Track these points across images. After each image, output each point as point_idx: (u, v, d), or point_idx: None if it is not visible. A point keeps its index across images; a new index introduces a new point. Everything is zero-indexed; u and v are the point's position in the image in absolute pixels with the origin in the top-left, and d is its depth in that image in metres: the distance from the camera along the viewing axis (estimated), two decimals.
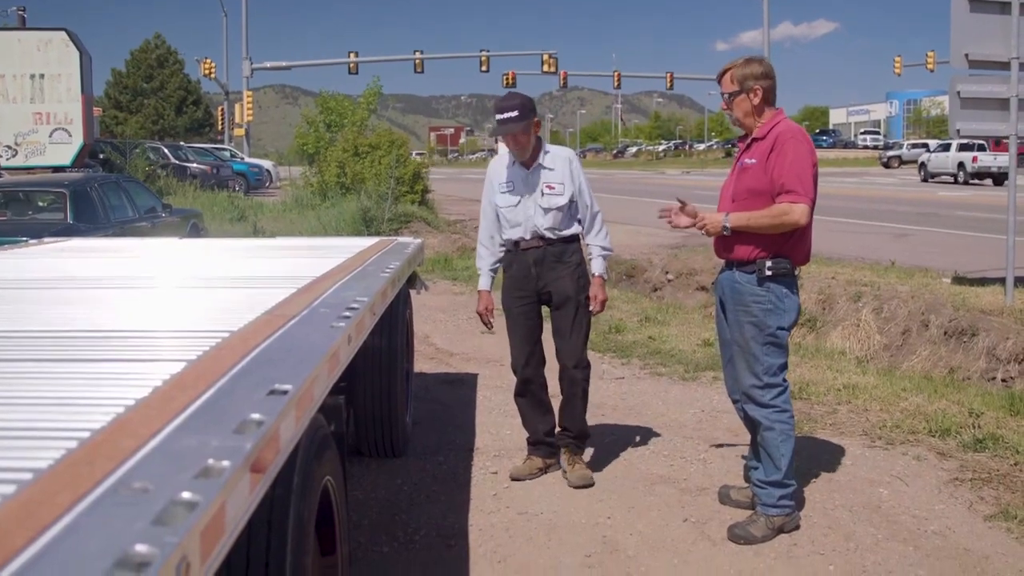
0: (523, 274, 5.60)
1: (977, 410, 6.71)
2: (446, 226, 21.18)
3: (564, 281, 5.56)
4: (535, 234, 5.53)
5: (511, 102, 5.42)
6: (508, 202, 5.57)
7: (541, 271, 5.56)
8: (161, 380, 2.47)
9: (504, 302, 5.75)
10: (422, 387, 7.70)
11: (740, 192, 4.80)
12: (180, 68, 71.48)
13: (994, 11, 10.18)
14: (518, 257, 5.62)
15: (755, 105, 4.78)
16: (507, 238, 5.65)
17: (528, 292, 5.62)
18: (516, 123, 5.36)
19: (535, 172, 5.53)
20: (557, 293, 5.57)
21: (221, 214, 21.74)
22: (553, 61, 56.45)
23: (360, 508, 5.17)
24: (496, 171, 5.70)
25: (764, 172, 4.68)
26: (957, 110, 10.59)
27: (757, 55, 5.00)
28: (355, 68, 54.53)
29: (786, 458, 4.81)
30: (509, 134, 5.41)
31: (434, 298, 11.82)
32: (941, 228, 21.34)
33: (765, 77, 4.78)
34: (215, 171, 34.29)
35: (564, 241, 5.56)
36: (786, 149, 4.66)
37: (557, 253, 5.55)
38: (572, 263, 5.59)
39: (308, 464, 2.75)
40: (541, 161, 5.54)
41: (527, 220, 5.52)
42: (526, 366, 5.67)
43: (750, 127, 4.82)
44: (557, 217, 5.51)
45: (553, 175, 5.52)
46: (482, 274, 5.84)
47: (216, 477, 1.78)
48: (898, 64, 60.21)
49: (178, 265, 6.06)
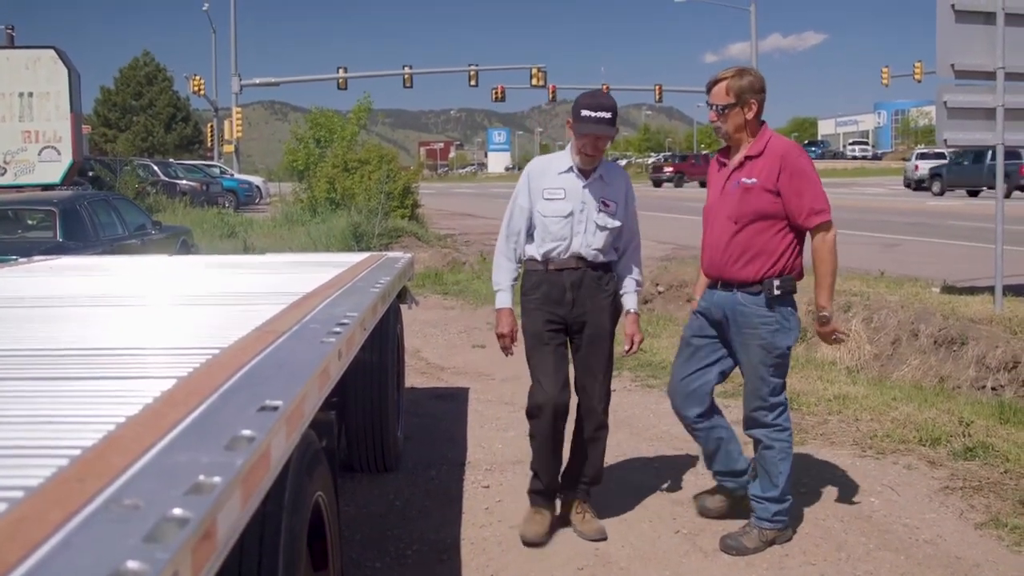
0: (557, 297, 4.87)
1: (967, 419, 6.73)
2: (436, 241, 21.18)
3: (603, 314, 4.93)
4: (575, 254, 4.84)
5: (606, 101, 4.74)
6: (557, 211, 4.83)
7: (579, 297, 4.87)
8: (152, 397, 2.47)
9: (528, 326, 4.96)
10: (413, 402, 7.70)
11: (745, 215, 4.60)
12: (169, 85, 71.44)
13: (979, 22, 10.23)
14: (549, 277, 4.88)
15: (748, 120, 4.65)
16: (537, 252, 4.91)
17: (558, 318, 4.89)
18: (607, 126, 4.70)
19: (594, 184, 4.85)
20: (593, 325, 4.92)
21: (211, 231, 21.72)
22: (542, 75, 56.60)
23: (352, 523, 5.17)
24: (543, 174, 4.94)
25: (773, 193, 4.55)
26: (944, 120, 10.63)
27: (749, 67, 4.85)
28: (344, 84, 54.60)
29: (784, 475, 4.82)
30: (592, 135, 4.71)
31: (425, 313, 11.82)
32: (930, 238, 21.40)
33: (761, 91, 4.66)
34: (205, 188, 34.32)
35: (603, 267, 4.93)
36: (803, 168, 4.61)
37: (596, 278, 4.90)
38: (610, 292, 4.96)
39: (299, 480, 2.75)
40: (600, 173, 4.89)
41: (573, 236, 4.82)
42: (559, 396, 4.85)
43: (739, 142, 4.70)
44: (608, 239, 4.87)
45: (609, 190, 4.89)
46: (503, 289, 5.04)
47: (207, 493, 1.78)
48: (886, 75, 60.49)
49: (168, 282, 6.05)
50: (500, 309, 5.06)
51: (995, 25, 10.12)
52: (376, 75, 66.01)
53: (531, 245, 4.95)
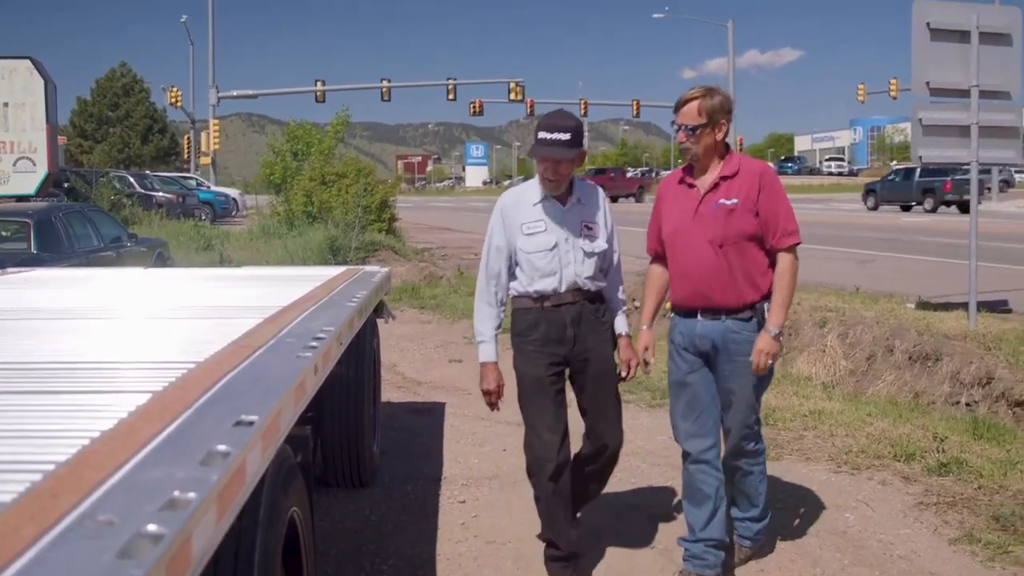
0: (557, 335, 4.51)
1: (941, 434, 6.77)
2: (414, 255, 21.16)
3: (606, 348, 4.63)
4: (572, 286, 4.50)
5: (564, 122, 4.40)
6: (541, 245, 4.47)
7: (580, 332, 4.53)
8: (126, 412, 2.46)
9: (526, 370, 4.57)
10: (389, 416, 7.68)
11: (730, 237, 4.40)
12: (146, 97, 71.22)
13: (954, 40, 10.32)
14: (546, 315, 4.51)
15: (718, 140, 4.47)
16: (531, 290, 4.53)
17: (558, 359, 4.54)
18: (565, 148, 4.36)
19: (573, 209, 4.53)
20: (598, 362, 4.59)
21: (187, 243, 21.65)
22: (520, 89, 56.66)
23: (327, 538, 5.15)
24: (516, 208, 4.58)
25: (754, 213, 4.41)
26: (919, 137, 10.70)
27: (717, 86, 4.60)
28: (322, 96, 54.50)
29: (763, 495, 4.81)
30: (551, 159, 4.38)
31: (401, 327, 11.80)
32: (905, 254, 21.52)
33: (730, 111, 4.52)
34: (181, 200, 34.20)
35: (598, 297, 4.62)
36: (779, 187, 4.52)
37: (594, 311, 4.58)
38: (608, 324, 4.67)
39: (274, 495, 2.74)
40: (577, 195, 4.56)
41: (564, 268, 4.48)
42: (563, 449, 4.53)
43: (707, 164, 4.50)
44: (596, 266, 4.55)
45: (589, 212, 4.59)
46: (486, 341, 4.62)
47: (182, 509, 1.78)
48: (862, 91, 60.84)
49: (144, 295, 6.02)
50: (485, 363, 4.61)
51: (970, 44, 10.21)
52: (354, 88, 65.85)
53: (518, 283, 4.58)
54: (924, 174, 42.66)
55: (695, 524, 4.66)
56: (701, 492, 4.63)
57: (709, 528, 4.62)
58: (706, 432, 4.63)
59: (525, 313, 4.57)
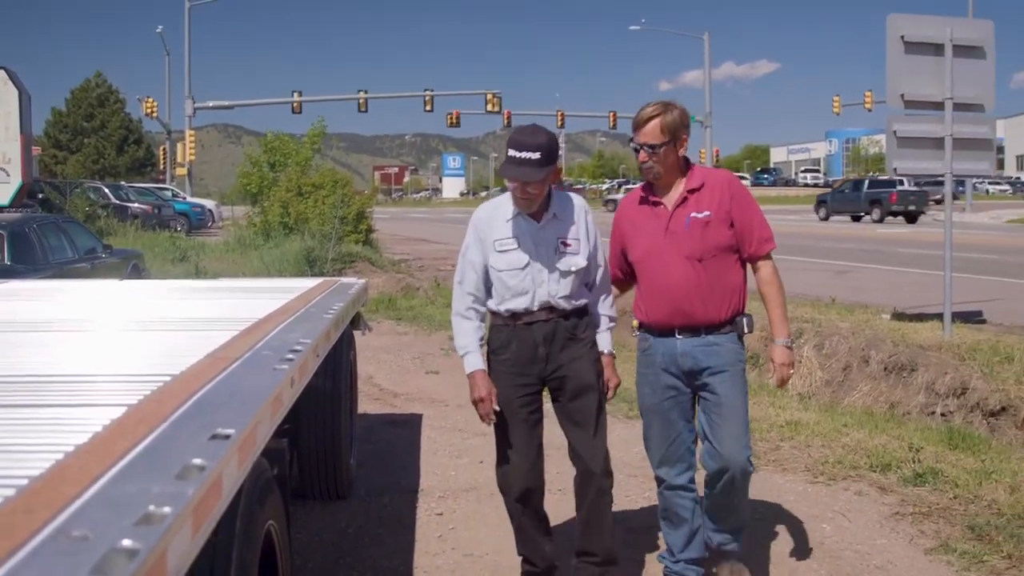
0: (528, 355, 4.36)
1: (917, 445, 6.80)
2: (390, 266, 21.14)
3: (582, 363, 4.41)
4: (544, 304, 4.33)
5: (534, 139, 4.15)
6: (512, 263, 4.32)
7: (552, 351, 4.36)
8: (101, 425, 2.45)
9: (500, 392, 4.38)
10: (366, 428, 7.66)
11: (709, 250, 4.29)
12: (121, 107, 70.98)
13: (928, 53, 10.41)
14: (518, 334, 4.36)
15: (680, 156, 4.36)
16: (502, 308, 4.39)
17: (532, 379, 4.39)
18: (534, 169, 4.13)
19: (548, 226, 4.33)
20: (574, 379, 4.40)
21: (163, 255, 21.56)
22: (497, 100, 56.73)
23: (304, 551, 5.13)
24: (489, 224, 4.40)
25: (728, 224, 4.33)
26: (894, 149, 10.79)
27: (672, 100, 4.39)
28: (299, 107, 54.39)
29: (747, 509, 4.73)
30: (518, 180, 4.18)
31: (378, 338, 11.78)
32: (881, 265, 21.64)
33: (689, 124, 4.39)
34: (156, 211, 34.10)
35: (577, 313, 4.42)
36: (747, 195, 4.45)
37: (571, 328, 4.39)
38: (587, 340, 4.45)
39: (251, 509, 2.73)
40: (554, 211, 4.35)
41: (537, 287, 4.31)
42: (531, 472, 4.42)
43: (670, 181, 4.37)
44: (575, 283, 4.35)
45: (566, 227, 4.37)
46: (471, 351, 4.39)
47: (157, 524, 1.77)
48: (837, 103, 61.14)
49: (119, 307, 5.99)
50: (472, 373, 4.36)
51: (944, 56, 10.30)
52: (331, 99, 65.76)
53: (492, 300, 4.43)
54: (872, 186, 46.72)
55: (674, 545, 4.62)
56: (679, 516, 4.57)
57: (688, 549, 4.59)
58: (680, 457, 4.52)
59: (499, 331, 4.44)
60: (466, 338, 4.41)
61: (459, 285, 4.48)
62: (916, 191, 44.67)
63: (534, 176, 4.14)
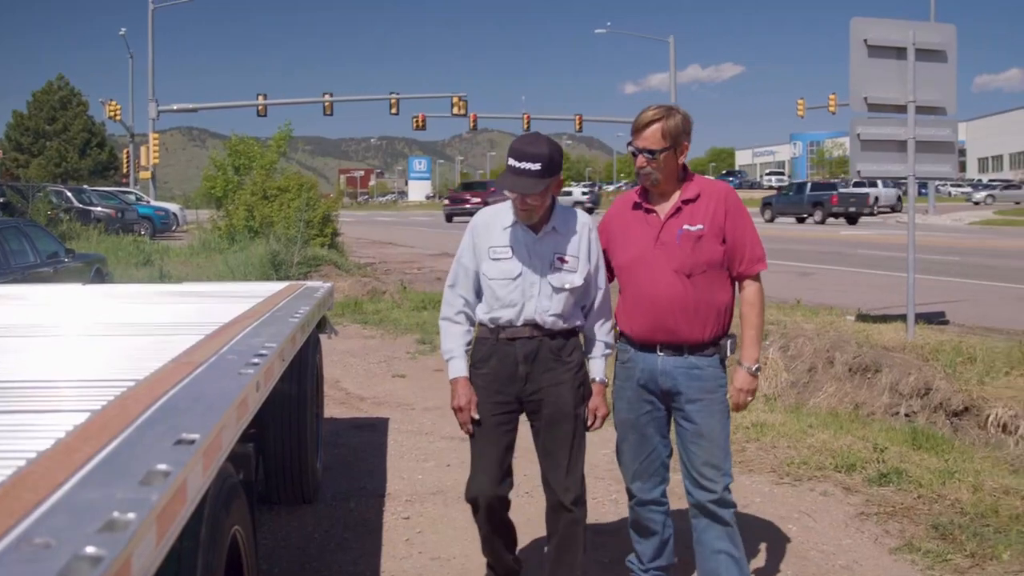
0: (507, 372, 4.17)
1: (881, 445, 6.85)
2: (356, 269, 21.08)
3: (563, 389, 4.18)
4: (529, 320, 4.13)
5: (536, 149, 3.97)
6: (504, 273, 4.13)
7: (533, 371, 4.16)
8: (64, 431, 2.42)
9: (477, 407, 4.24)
10: (332, 432, 7.63)
11: (699, 265, 4.09)
12: (84, 110, 70.54)
13: (891, 56, 10.52)
14: (499, 348, 4.17)
15: (681, 163, 4.17)
16: (488, 318, 4.21)
17: (508, 397, 4.20)
18: (533, 180, 3.95)
19: (546, 239, 4.14)
20: (552, 404, 4.18)
21: (126, 259, 21.42)
22: (463, 103, 56.79)
23: (270, 557, 5.10)
24: (487, 230, 4.22)
25: (718, 239, 4.14)
26: (858, 152, 10.89)
27: (675, 105, 4.23)
28: (264, 111, 54.22)
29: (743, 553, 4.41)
30: (516, 191, 4.00)
31: (344, 342, 11.75)
32: (844, 266, 21.81)
33: (690, 131, 4.17)
34: (120, 215, 33.84)
35: (564, 334, 4.20)
36: (743, 211, 4.24)
37: (555, 349, 4.17)
38: (573, 364, 4.22)
39: (216, 514, 2.71)
40: (554, 224, 4.16)
41: (526, 301, 4.12)
42: (494, 491, 4.21)
43: (667, 189, 4.18)
44: (568, 302, 4.15)
45: (565, 242, 4.16)
46: (456, 357, 4.24)
47: (121, 531, 1.75)
48: (801, 106, 61.54)
49: (82, 312, 5.94)
50: (454, 379, 4.23)
51: (906, 60, 10.40)
52: (296, 102, 65.53)
53: (480, 308, 4.25)
54: (814, 189, 49.60)
55: (643, 554, 4.52)
56: (649, 529, 4.45)
57: (658, 560, 4.50)
58: (653, 472, 4.35)
59: (482, 343, 4.25)
60: (452, 342, 4.27)
61: (450, 288, 4.32)
62: (856, 193, 47.51)
63: (532, 188, 3.96)
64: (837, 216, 46.49)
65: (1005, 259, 23.19)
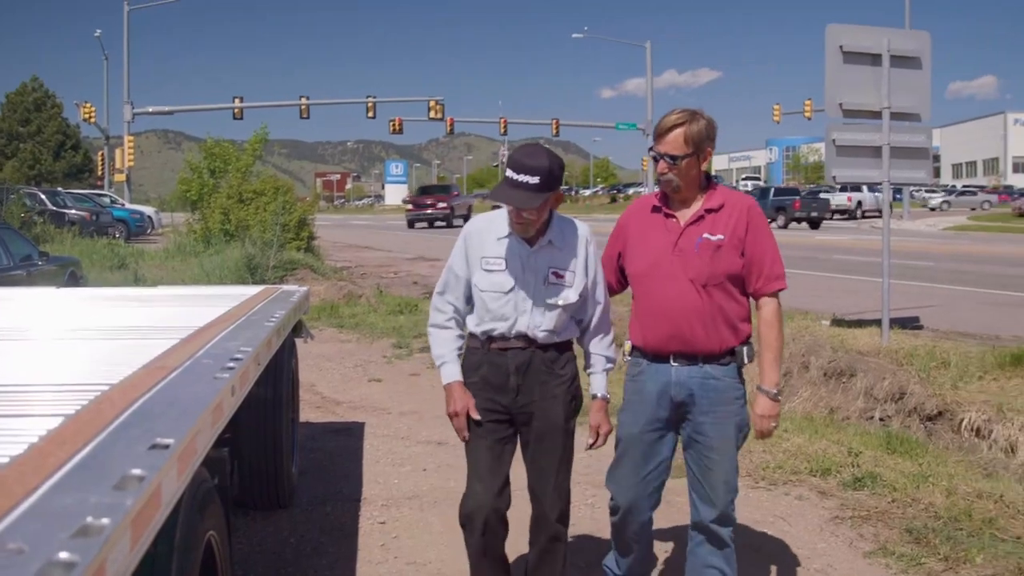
0: (498, 381, 3.99)
1: (856, 449, 6.89)
2: (332, 273, 21.03)
3: (555, 403, 4.02)
4: (521, 334, 3.96)
5: (534, 161, 3.76)
6: (496, 286, 3.95)
7: (525, 383, 3.98)
8: (37, 436, 2.41)
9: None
10: (308, 437, 7.61)
11: (716, 276, 3.94)
12: (59, 112, 70.15)
13: (866, 63, 10.58)
14: (490, 358, 4.00)
15: (702, 170, 4.03)
16: (480, 330, 4.03)
17: (499, 406, 4.00)
18: (530, 194, 3.76)
19: (541, 252, 3.95)
20: (542, 418, 4.01)
21: (101, 262, 21.28)
22: (440, 107, 56.71)
23: (245, 562, 5.08)
24: (481, 238, 4.03)
25: (737, 252, 3.98)
26: (833, 157, 10.95)
27: (699, 109, 4.05)
28: (240, 113, 53.99)
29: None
30: (511, 205, 3.83)
31: (320, 346, 11.71)
32: (819, 271, 21.89)
33: (714, 137, 4.03)
34: (94, 218, 33.63)
35: (557, 347, 4.04)
36: (765, 226, 4.10)
37: (548, 361, 4.00)
38: (565, 377, 4.05)
39: (191, 519, 2.70)
40: (550, 237, 3.97)
41: (519, 316, 3.94)
42: (492, 506, 3.95)
43: (688, 196, 4.02)
44: (561, 318, 3.98)
45: (561, 257, 3.98)
46: (448, 361, 4.06)
47: (95, 535, 1.74)
48: (777, 112, 61.78)
49: (56, 315, 5.91)
50: (448, 384, 4.03)
51: (881, 67, 10.47)
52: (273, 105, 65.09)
53: (471, 318, 4.08)
54: (777, 194, 51.36)
55: (622, 566, 4.37)
56: (629, 545, 4.29)
57: (637, 570, 4.39)
58: (652, 492, 4.15)
59: (471, 354, 4.07)
60: (443, 347, 4.08)
61: (439, 296, 4.13)
62: (817, 199, 50.23)
63: (528, 203, 3.76)
64: (800, 221, 47.70)
65: (979, 264, 23.35)
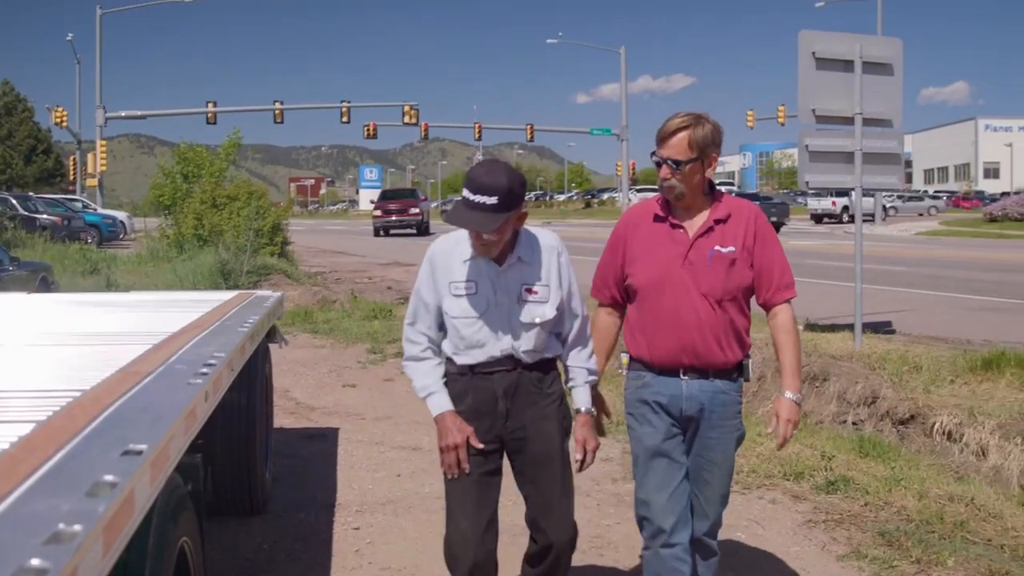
0: (486, 408, 3.75)
1: (829, 453, 6.93)
2: (307, 278, 20.99)
3: (547, 423, 3.81)
4: (505, 353, 3.73)
5: (492, 180, 3.52)
6: (467, 312, 3.72)
7: (514, 406, 3.76)
8: (9, 442, 2.39)
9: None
10: (282, 442, 7.58)
11: (730, 290, 3.83)
12: (30, 116, 69.66)
13: (838, 69, 10.65)
14: (475, 384, 3.75)
15: (707, 177, 3.88)
16: (457, 361, 3.79)
17: (488, 436, 3.75)
18: (487, 216, 3.51)
19: (511, 270, 3.72)
20: (539, 441, 3.79)
21: (73, 267, 21.14)
22: (414, 112, 56.67)
23: (218, 568, 5.06)
24: (446, 261, 3.78)
25: (748, 263, 3.87)
26: (806, 163, 11.02)
27: (705, 113, 3.89)
28: (213, 118, 53.80)
29: None
30: (468, 228, 3.61)
31: (294, 351, 11.67)
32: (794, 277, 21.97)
33: (720, 142, 3.88)
34: (66, 223, 33.41)
35: (542, 366, 3.83)
36: (772, 234, 4.00)
37: (535, 380, 3.80)
38: (554, 396, 3.85)
39: (164, 525, 2.69)
40: (519, 253, 3.75)
41: (499, 340, 3.71)
42: (481, 544, 3.71)
43: (691, 204, 3.87)
44: (540, 336, 3.76)
45: (532, 272, 3.75)
46: (435, 392, 3.77)
47: (67, 542, 1.73)
48: (751, 118, 62.05)
49: (27, 321, 5.87)
50: (439, 415, 3.75)
51: (853, 73, 10.53)
52: (246, 110, 64.83)
53: (447, 345, 3.84)
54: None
55: None
56: None
57: None
58: (684, 508, 3.92)
59: (454, 381, 3.80)
60: (426, 378, 3.80)
61: (410, 327, 3.87)
62: (778, 203, 52.27)
63: (486, 226, 3.51)
64: None
65: (951, 269, 23.51)
